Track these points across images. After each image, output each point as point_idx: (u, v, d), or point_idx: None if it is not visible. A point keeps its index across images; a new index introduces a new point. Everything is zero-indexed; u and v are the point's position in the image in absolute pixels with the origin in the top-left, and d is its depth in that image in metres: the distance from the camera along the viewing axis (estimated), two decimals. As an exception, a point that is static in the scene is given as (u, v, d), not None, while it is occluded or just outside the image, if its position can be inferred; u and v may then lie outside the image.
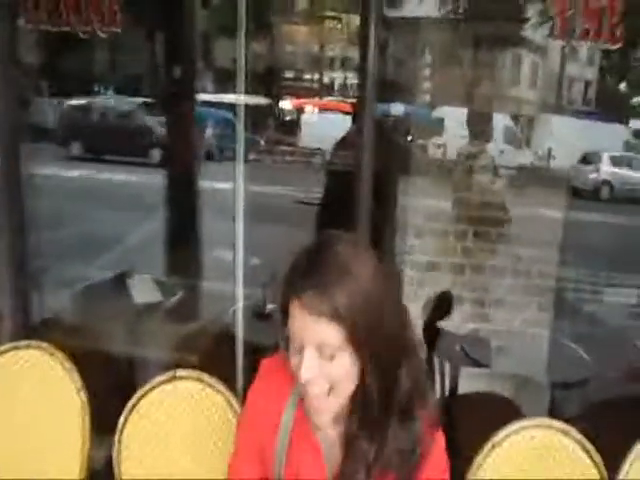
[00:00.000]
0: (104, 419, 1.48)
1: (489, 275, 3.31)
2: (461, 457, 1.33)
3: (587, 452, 1.32)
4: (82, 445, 1.48)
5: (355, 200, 1.77)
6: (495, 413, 1.78)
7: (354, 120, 2.25)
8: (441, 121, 5.36)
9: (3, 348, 1.56)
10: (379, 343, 0.90)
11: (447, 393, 2.31)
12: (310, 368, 0.89)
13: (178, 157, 3.46)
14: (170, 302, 2.56)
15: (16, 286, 1.95)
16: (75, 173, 6.13)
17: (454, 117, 4.23)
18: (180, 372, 1.44)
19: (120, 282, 2.51)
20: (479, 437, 1.36)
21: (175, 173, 3.45)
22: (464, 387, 2.34)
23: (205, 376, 1.43)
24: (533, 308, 3.32)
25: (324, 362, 0.90)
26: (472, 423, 1.40)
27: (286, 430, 1.02)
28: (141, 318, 2.36)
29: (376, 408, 0.93)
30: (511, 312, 3.32)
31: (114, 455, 1.43)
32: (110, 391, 1.53)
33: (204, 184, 3.60)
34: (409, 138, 4.55)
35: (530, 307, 3.32)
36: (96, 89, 7.10)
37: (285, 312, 0.92)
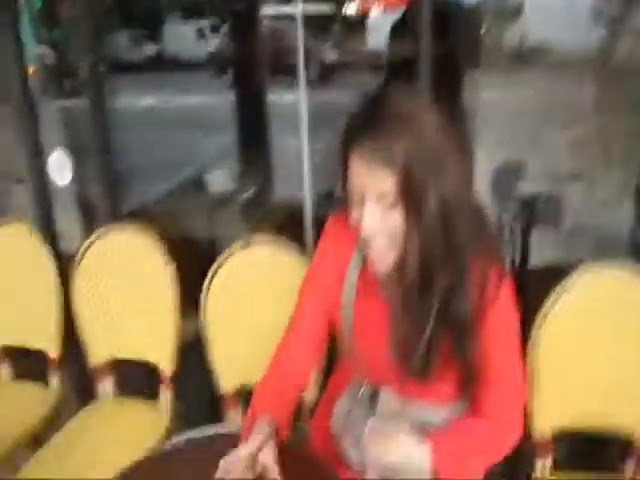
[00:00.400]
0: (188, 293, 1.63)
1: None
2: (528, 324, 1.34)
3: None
4: (173, 316, 1.63)
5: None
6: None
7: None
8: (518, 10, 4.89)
9: (101, 230, 1.72)
10: (436, 198, 0.89)
11: (517, 260, 2.32)
12: (370, 221, 0.90)
13: (247, 75, 3.46)
14: (244, 196, 2.67)
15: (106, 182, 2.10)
16: (149, 101, 6.20)
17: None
18: (255, 239, 1.54)
19: (199, 182, 2.65)
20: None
21: (245, 91, 3.46)
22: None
23: (278, 241, 1.52)
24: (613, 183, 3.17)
25: (384, 214, 0.90)
26: (542, 295, 1.37)
27: (352, 286, 1.04)
28: (218, 208, 2.48)
29: (436, 263, 0.93)
30: (589, 187, 3.20)
31: (200, 316, 1.57)
32: (193, 269, 1.66)
33: (273, 97, 3.60)
34: (483, 29, 4.22)
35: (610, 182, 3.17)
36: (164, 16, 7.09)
37: (345, 165, 0.92)
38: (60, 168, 2.02)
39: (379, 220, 0.90)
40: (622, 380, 1.33)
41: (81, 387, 1.99)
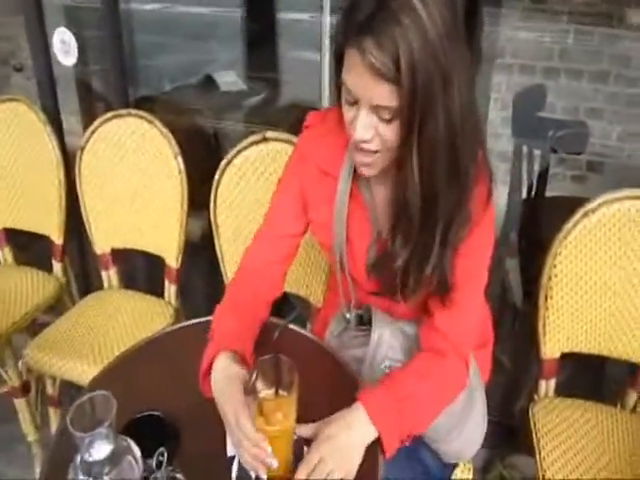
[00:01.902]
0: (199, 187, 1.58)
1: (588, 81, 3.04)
2: (544, 250, 1.34)
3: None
4: (181, 209, 1.59)
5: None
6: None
7: None
8: None
9: (107, 116, 1.64)
10: (443, 115, 0.78)
11: (534, 188, 2.26)
12: (365, 128, 0.81)
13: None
14: (254, 99, 2.57)
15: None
16: (149, 6, 5.88)
17: None
18: (270, 133, 1.47)
19: (209, 82, 2.53)
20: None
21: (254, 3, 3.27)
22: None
23: (294, 138, 1.44)
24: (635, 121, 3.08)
25: (379, 123, 0.81)
26: (557, 223, 1.34)
27: (343, 200, 0.98)
28: (228, 106, 2.40)
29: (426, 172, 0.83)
30: (609, 123, 3.11)
31: (210, 207, 1.53)
32: (203, 163, 1.60)
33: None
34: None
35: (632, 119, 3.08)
36: None
37: (339, 59, 0.81)
38: (65, 48, 1.90)
39: (373, 131, 0.82)
40: (633, 306, 1.33)
41: (85, 277, 1.97)
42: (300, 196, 1.03)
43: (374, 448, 0.85)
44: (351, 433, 0.85)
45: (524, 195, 2.32)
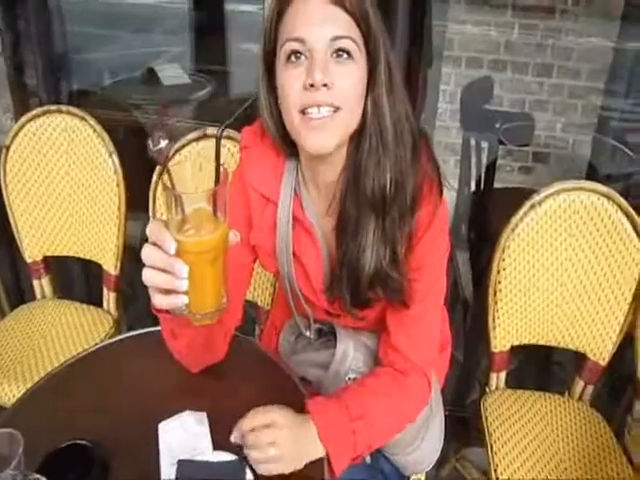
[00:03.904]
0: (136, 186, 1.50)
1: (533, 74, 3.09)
2: (492, 243, 1.34)
3: (628, 217, 1.29)
4: (118, 211, 1.51)
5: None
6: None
7: None
8: None
9: (35, 112, 1.54)
10: (391, 59, 0.81)
11: (482, 180, 2.28)
12: (324, 68, 0.76)
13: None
14: (199, 94, 2.49)
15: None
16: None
17: None
18: (210, 130, 1.41)
19: (150, 76, 2.43)
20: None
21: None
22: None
23: (236, 134, 1.38)
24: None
25: (337, 68, 0.77)
26: (505, 215, 1.34)
27: (286, 224, 0.92)
28: (171, 102, 2.31)
29: (382, 150, 0.82)
30: (553, 114, 3.17)
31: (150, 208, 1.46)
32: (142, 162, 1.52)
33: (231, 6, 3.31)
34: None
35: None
36: None
37: (275, 27, 0.79)
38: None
39: (330, 78, 0.76)
40: (579, 297, 1.35)
41: (17, 287, 1.86)
42: (246, 223, 0.96)
43: (321, 465, 0.81)
44: (298, 447, 0.80)
45: (473, 187, 2.34)
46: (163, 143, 0.65)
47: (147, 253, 0.67)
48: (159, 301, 0.70)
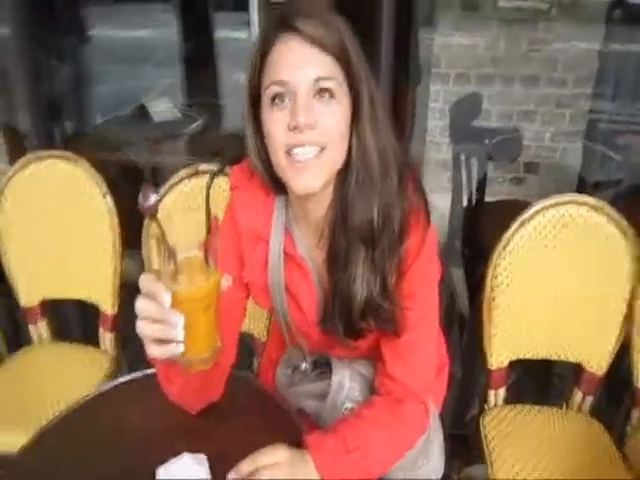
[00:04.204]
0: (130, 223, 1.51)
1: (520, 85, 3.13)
2: (485, 257, 1.35)
3: (619, 228, 1.30)
4: (113, 250, 1.52)
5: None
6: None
7: None
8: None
9: (27, 158, 1.56)
10: (374, 95, 0.83)
11: (473, 195, 2.29)
12: (308, 110, 0.77)
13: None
14: (190, 128, 2.52)
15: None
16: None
17: None
18: (202, 166, 1.43)
19: (142, 113, 2.46)
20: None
21: (190, 23, 3.24)
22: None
23: (228, 169, 1.40)
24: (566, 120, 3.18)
25: (321, 107, 0.79)
26: (498, 229, 1.35)
27: (277, 264, 0.94)
28: (163, 139, 2.34)
29: (369, 186, 0.84)
30: (542, 124, 3.20)
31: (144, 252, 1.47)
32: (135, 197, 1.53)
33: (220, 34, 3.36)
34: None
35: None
36: None
37: (259, 67, 0.81)
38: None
39: (315, 117, 0.78)
40: (573, 309, 1.35)
41: (15, 331, 1.87)
42: (237, 263, 0.97)
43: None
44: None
45: (465, 202, 2.35)
46: (153, 198, 0.67)
47: (141, 305, 0.68)
48: (153, 351, 0.70)
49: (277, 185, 0.89)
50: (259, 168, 0.88)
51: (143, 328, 0.69)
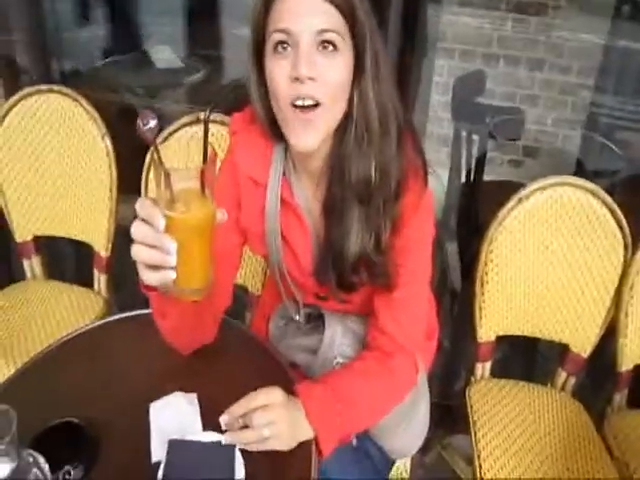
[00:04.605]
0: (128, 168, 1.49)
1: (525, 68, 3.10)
2: (481, 235, 1.35)
3: (612, 213, 1.31)
4: (110, 193, 1.51)
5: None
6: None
7: None
8: None
9: (26, 92, 1.52)
10: (379, 50, 0.82)
11: (472, 172, 2.29)
12: (309, 62, 0.76)
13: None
14: (192, 78, 2.47)
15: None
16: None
17: None
18: (203, 114, 1.40)
19: (143, 58, 2.40)
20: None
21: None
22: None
23: (225, 118, 1.37)
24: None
25: (323, 60, 0.78)
26: (494, 208, 1.35)
27: (274, 210, 0.94)
28: (164, 85, 2.30)
29: (367, 144, 0.84)
30: (544, 109, 3.19)
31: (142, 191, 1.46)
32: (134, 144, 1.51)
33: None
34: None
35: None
36: None
37: (264, 14, 0.80)
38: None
39: (317, 70, 0.77)
40: (563, 289, 1.37)
41: (7, 266, 1.85)
42: (235, 206, 0.97)
43: (309, 448, 0.83)
44: (293, 427, 0.82)
45: (463, 179, 2.35)
46: (152, 122, 0.67)
47: (137, 229, 0.68)
48: (147, 277, 0.70)
49: (277, 133, 0.88)
50: (261, 115, 0.88)
51: (138, 252, 0.69)
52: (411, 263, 0.91)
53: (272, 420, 0.80)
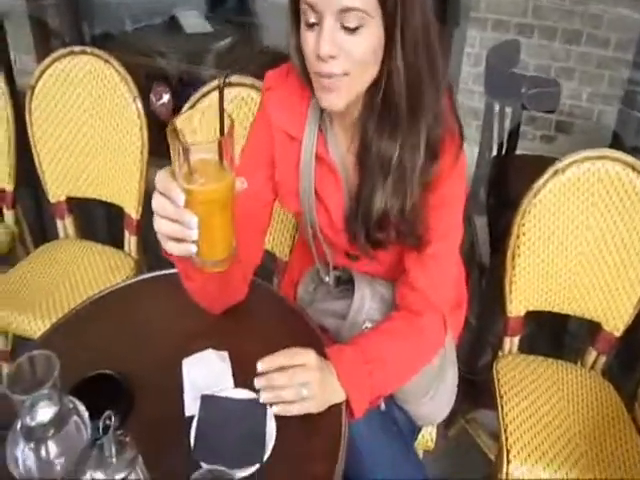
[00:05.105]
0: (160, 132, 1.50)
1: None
2: (512, 208, 1.33)
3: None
4: (141, 155, 1.51)
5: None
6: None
7: None
8: None
9: (59, 53, 1.52)
10: (412, 22, 0.77)
11: (504, 145, 2.24)
12: (331, 40, 0.76)
13: None
14: (221, 43, 2.44)
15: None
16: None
17: None
18: (234, 78, 1.39)
19: (172, 24, 2.39)
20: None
21: None
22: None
23: (258, 83, 1.36)
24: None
25: (346, 36, 0.76)
26: (527, 181, 1.32)
27: (309, 164, 0.93)
28: (194, 50, 2.28)
29: (395, 114, 0.83)
30: (579, 83, 3.09)
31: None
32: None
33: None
34: None
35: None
36: None
37: None
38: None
39: (338, 48, 0.77)
40: (597, 266, 1.34)
41: (41, 226, 1.88)
42: (267, 163, 0.97)
43: (339, 408, 0.83)
44: (326, 389, 0.82)
45: (494, 153, 2.31)
46: (165, 97, 0.65)
47: (157, 203, 0.68)
48: (170, 248, 0.71)
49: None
50: (299, 67, 0.86)
51: (160, 226, 0.69)
52: (444, 221, 0.91)
53: (309, 380, 0.80)
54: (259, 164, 0.96)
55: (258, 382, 0.81)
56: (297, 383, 0.80)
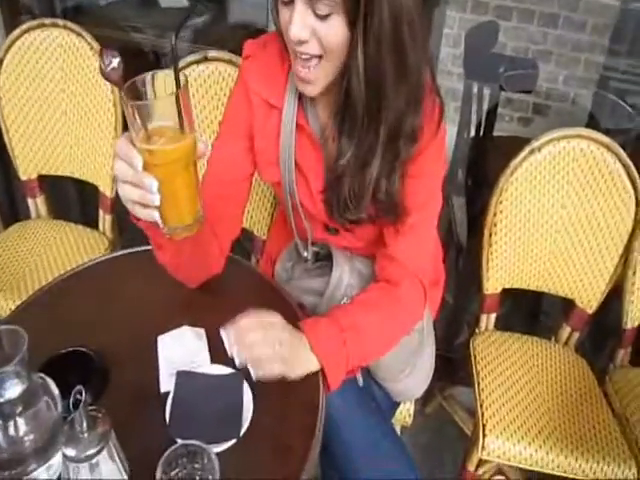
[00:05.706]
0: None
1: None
2: (490, 188, 1.34)
3: (626, 168, 1.29)
4: (115, 132, 1.48)
5: None
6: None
7: None
8: None
9: (28, 25, 1.47)
10: (378, 18, 0.74)
11: (482, 126, 2.25)
12: (301, 24, 0.75)
13: None
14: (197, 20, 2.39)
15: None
16: None
17: None
18: (212, 53, 1.36)
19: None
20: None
21: None
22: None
23: (236, 58, 1.34)
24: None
25: (318, 22, 0.75)
26: (504, 162, 1.33)
27: (289, 135, 0.92)
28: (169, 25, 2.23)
29: (353, 111, 0.82)
30: (556, 66, 3.11)
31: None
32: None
33: None
34: None
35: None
36: None
37: None
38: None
39: (309, 30, 0.76)
40: (572, 244, 1.37)
41: (11, 205, 1.83)
42: (246, 134, 0.95)
43: (317, 382, 0.83)
44: (298, 354, 0.82)
45: (472, 134, 2.31)
46: (115, 61, 0.64)
47: (118, 168, 0.67)
48: (137, 212, 0.70)
49: None
50: (282, 37, 0.84)
51: (123, 191, 0.69)
52: (423, 191, 0.91)
53: (282, 338, 0.79)
54: (238, 135, 0.95)
55: (224, 333, 0.77)
56: (271, 339, 0.79)
